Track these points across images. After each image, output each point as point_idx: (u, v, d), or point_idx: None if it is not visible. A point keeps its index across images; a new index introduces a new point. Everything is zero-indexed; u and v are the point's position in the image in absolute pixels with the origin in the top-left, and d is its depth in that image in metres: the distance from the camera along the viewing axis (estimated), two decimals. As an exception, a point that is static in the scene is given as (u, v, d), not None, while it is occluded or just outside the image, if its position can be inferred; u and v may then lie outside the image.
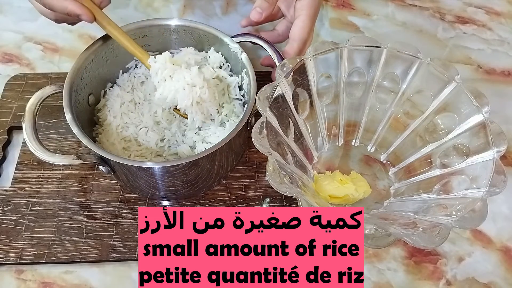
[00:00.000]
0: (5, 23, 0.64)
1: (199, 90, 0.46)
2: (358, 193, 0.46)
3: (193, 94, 0.46)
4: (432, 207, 0.41)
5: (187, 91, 0.46)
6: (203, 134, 0.50)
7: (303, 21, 0.50)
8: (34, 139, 0.42)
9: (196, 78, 0.46)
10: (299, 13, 0.50)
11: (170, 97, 0.46)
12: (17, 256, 0.45)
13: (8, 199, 0.48)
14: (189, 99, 0.46)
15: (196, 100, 0.46)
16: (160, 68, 0.47)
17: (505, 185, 0.37)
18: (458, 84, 0.43)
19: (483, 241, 0.49)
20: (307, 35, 0.50)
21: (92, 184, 0.50)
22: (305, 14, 0.50)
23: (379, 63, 0.46)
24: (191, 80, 0.46)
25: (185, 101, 0.46)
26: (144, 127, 0.49)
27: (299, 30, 0.50)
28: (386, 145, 0.50)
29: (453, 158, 0.44)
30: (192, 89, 0.46)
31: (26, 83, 0.57)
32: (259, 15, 0.49)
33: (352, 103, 0.50)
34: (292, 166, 0.45)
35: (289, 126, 0.46)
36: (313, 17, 0.51)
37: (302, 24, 0.50)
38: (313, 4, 0.50)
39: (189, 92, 0.46)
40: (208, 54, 0.53)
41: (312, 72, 0.46)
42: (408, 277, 0.47)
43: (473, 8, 0.70)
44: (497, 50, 0.66)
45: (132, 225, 0.47)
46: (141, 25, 0.51)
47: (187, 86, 0.46)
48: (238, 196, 0.50)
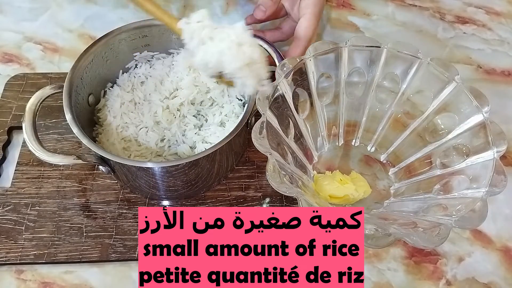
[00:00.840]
0: (5, 23, 0.64)
1: (249, 49, 0.39)
2: (358, 193, 0.46)
3: (242, 55, 0.39)
4: (432, 207, 0.41)
5: (234, 51, 0.38)
6: (203, 134, 0.50)
7: (309, 19, 0.50)
8: (34, 139, 0.42)
9: (243, 35, 0.39)
10: (304, 11, 0.50)
11: (214, 62, 0.39)
12: (17, 256, 0.45)
13: (8, 199, 0.48)
14: (238, 61, 0.39)
15: (247, 61, 0.39)
16: (196, 29, 0.40)
17: (505, 185, 0.37)
18: (458, 84, 0.43)
19: (483, 241, 0.49)
20: (312, 33, 0.51)
21: (92, 184, 0.50)
22: (310, 13, 0.50)
23: (379, 63, 0.46)
24: (237, 38, 0.39)
25: (233, 63, 0.38)
26: (144, 127, 0.49)
27: (305, 29, 0.50)
28: (386, 145, 0.50)
29: (453, 158, 0.44)
30: (239, 48, 0.39)
31: (26, 83, 0.57)
32: (263, 13, 0.49)
33: (352, 103, 0.50)
34: (292, 166, 0.45)
35: (289, 126, 0.46)
36: (318, 16, 0.51)
37: (308, 23, 0.50)
38: (318, 2, 0.50)
39: (236, 52, 0.38)
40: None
41: (312, 72, 0.46)
42: (408, 277, 0.47)
43: (473, 8, 0.70)
44: (497, 50, 0.66)
45: (132, 225, 0.47)
46: (141, 25, 0.51)
47: (233, 46, 0.38)
48: (238, 196, 0.50)
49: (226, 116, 0.50)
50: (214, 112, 0.51)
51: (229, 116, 0.51)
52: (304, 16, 0.50)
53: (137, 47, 0.52)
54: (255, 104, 0.42)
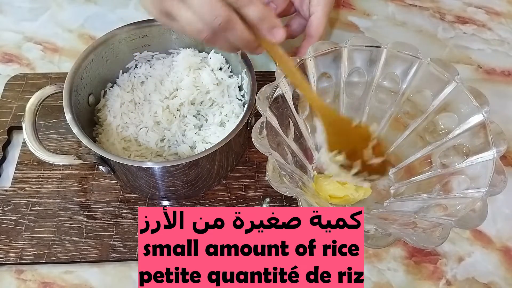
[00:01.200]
0: (5, 23, 0.64)
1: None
2: (358, 193, 0.46)
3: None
4: (432, 207, 0.41)
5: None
6: (203, 134, 0.50)
7: (320, 17, 0.51)
8: (34, 139, 0.42)
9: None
10: (315, 9, 0.51)
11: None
12: (17, 256, 0.45)
13: (8, 199, 0.48)
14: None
15: None
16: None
17: (505, 185, 0.37)
18: (458, 84, 0.43)
19: (483, 241, 0.49)
20: (323, 31, 0.51)
21: (92, 184, 0.50)
22: (321, 10, 0.51)
23: (379, 63, 0.46)
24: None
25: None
26: (144, 127, 0.49)
27: (316, 27, 0.51)
28: (386, 145, 0.50)
29: (453, 158, 0.44)
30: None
31: (26, 83, 0.57)
32: (273, 11, 0.49)
33: (352, 103, 0.50)
34: (292, 166, 0.45)
35: (289, 126, 0.46)
36: (328, 14, 0.52)
37: (319, 21, 0.51)
38: (329, 0, 0.51)
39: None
40: (208, 55, 0.53)
41: (312, 72, 0.46)
42: (408, 277, 0.47)
43: (473, 8, 0.70)
44: (497, 50, 0.66)
45: (132, 225, 0.47)
46: (141, 25, 0.51)
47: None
48: (238, 196, 0.50)
49: (226, 116, 0.50)
50: (214, 112, 0.51)
51: (229, 116, 0.51)
52: (315, 14, 0.51)
53: (137, 47, 0.52)
54: (255, 104, 0.42)
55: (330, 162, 0.43)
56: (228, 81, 0.52)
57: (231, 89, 0.52)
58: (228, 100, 0.52)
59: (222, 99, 0.51)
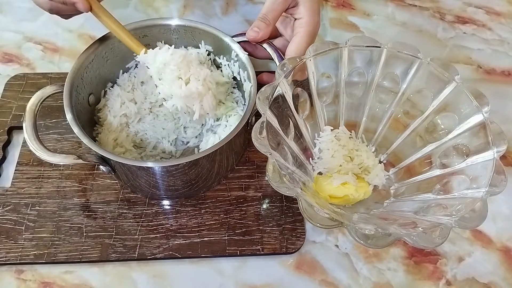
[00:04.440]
0: (5, 23, 0.64)
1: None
2: (358, 193, 0.46)
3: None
4: (432, 207, 0.41)
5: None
6: (203, 133, 0.50)
7: (301, 37, 0.49)
8: (34, 139, 0.42)
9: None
10: (298, 30, 0.49)
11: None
12: (17, 256, 0.45)
13: (8, 199, 0.48)
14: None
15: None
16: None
17: (505, 185, 0.37)
18: (458, 84, 0.43)
19: (483, 241, 0.49)
20: (303, 52, 0.48)
21: (92, 184, 0.50)
22: (303, 31, 0.49)
23: (379, 63, 0.46)
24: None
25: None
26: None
27: (295, 47, 0.49)
28: (386, 145, 0.50)
29: (453, 158, 0.44)
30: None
31: (26, 83, 0.57)
32: (256, 34, 0.48)
33: (352, 103, 0.50)
34: (292, 166, 0.45)
35: (289, 126, 0.46)
36: (311, 35, 0.49)
37: (300, 40, 0.49)
38: (312, 22, 0.49)
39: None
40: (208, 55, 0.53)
41: (312, 72, 0.46)
42: (408, 277, 0.47)
43: (473, 8, 0.71)
44: (497, 50, 0.66)
45: (132, 225, 0.47)
46: (141, 25, 0.51)
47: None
48: (238, 196, 0.50)
49: (226, 116, 0.50)
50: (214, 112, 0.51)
51: (229, 116, 0.51)
52: (297, 34, 0.49)
53: (137, 47, 0.52)
54: (255, 104, 0.42)
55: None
56: (228, 81, 0.52)
57: (231, 89, 0.52)
58: (228, 100, 0.52)
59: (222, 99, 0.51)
